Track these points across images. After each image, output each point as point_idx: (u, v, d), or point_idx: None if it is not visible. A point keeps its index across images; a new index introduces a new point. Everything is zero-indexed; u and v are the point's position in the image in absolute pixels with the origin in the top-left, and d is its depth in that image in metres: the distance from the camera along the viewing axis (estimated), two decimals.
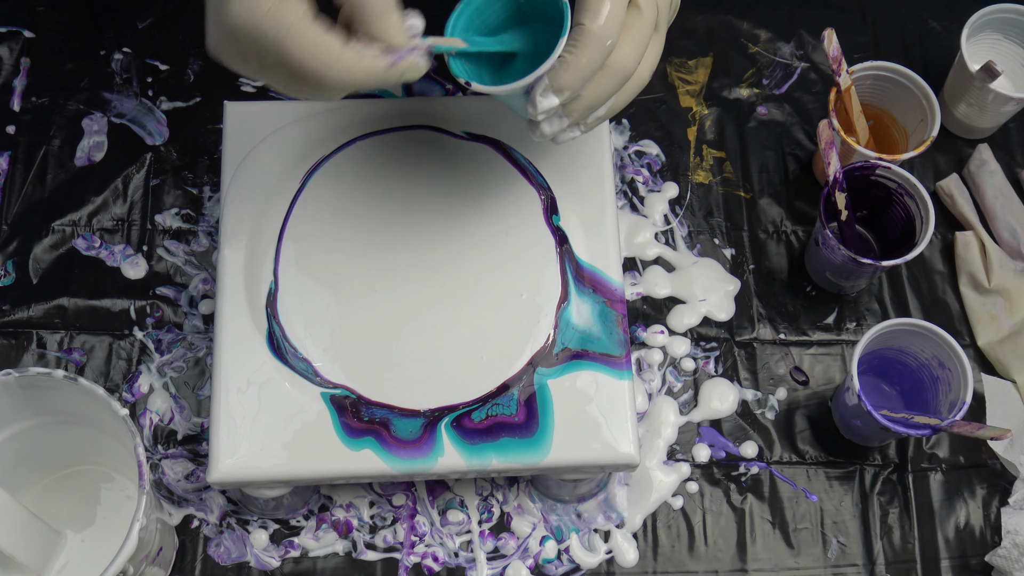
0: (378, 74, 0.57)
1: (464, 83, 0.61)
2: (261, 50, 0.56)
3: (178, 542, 0.76)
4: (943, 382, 0.75)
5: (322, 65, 0.55)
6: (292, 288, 0.71)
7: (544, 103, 0.59)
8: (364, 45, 0.56)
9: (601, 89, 0.60)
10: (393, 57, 0.57)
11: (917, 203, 0.79)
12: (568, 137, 0.62)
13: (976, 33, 0.86)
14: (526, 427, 0.69)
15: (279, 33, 0.55)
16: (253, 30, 0.55)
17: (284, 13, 0.55)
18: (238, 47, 0.56)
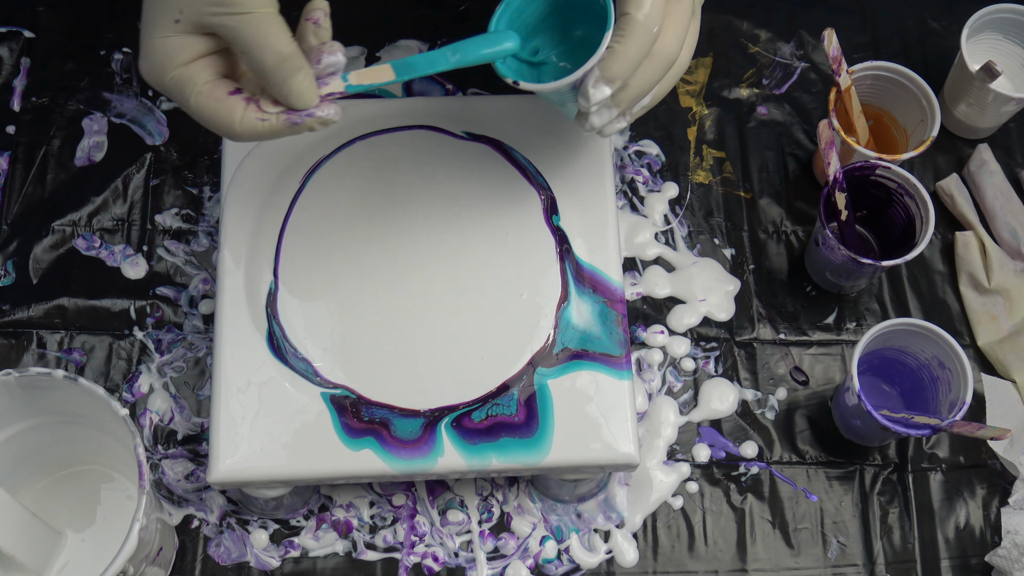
0: (283, 132, 0.58)
1: (512, 83, 0.61)
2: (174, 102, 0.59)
3: (178, 542, 0.76)
4: (943, 382, 0.75)
5: (225, 127, 0.58)
6: (292, 288, 0.71)
7: (596, 94, 0.60)
8: (270, 104, 0.58)
9: (648, 76, 0.61)
10: (297, 117, 0.58)
11: (917, 203, 0.79)
12: (615, 128, 0.63)
13: (976, 33, 0.86)
14: (526, 427, 0.69)
15: (184, 97, 0.58)
16: (162, 89, 0.58)
17: (187, 79, 0.57)
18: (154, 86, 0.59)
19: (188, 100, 0.58)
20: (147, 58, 0.58)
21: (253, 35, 0.56)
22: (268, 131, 0.58)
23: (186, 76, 0.57)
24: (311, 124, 0.58)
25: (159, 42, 0.57)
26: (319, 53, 0.58)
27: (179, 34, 0.57)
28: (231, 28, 0.56)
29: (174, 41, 0.57)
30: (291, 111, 0.58)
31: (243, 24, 0.56)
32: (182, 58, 0.57)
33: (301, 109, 0.58)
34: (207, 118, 0.58)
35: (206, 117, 0.58)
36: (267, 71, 0.57)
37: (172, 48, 0.57)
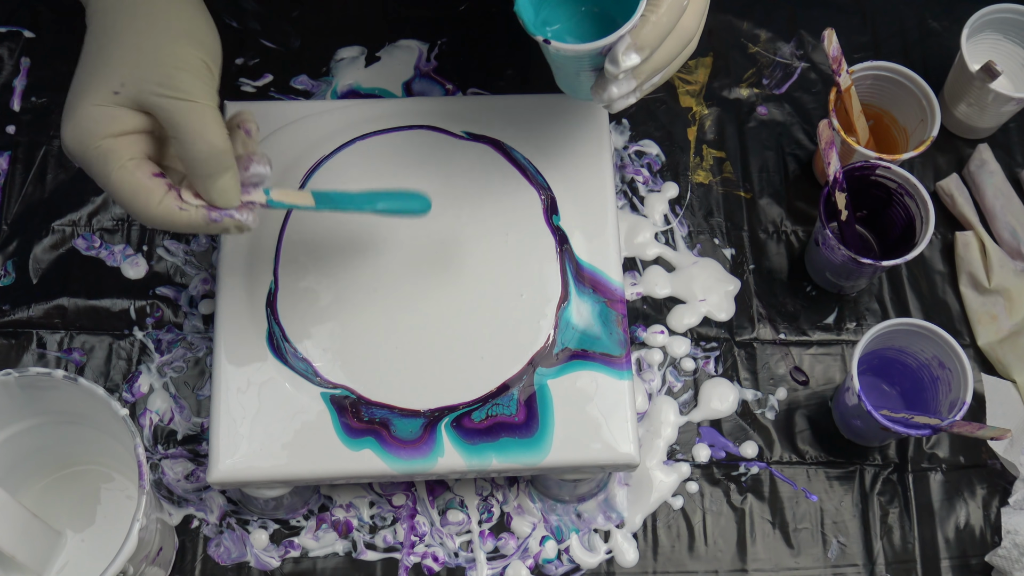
0: (195, 227, 0.58)
1: (542, 40, 0.61)
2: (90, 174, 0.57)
3: (178, 542, 0.76)
4: (943, 382, 0.75)
5: (142, 208, 0.56)
6: (292, 288, 0.71)
7: (626, 61, 0.60)
8: (191, 196, 0.57)
9: (669, 50, 0.62)
10: (217, 214, 0.58)
11: (917, 203, 0.79)
12: (626, 103, 0.64)
13: (976, 33, 0.86)
14: (526, 427, 0.69)
15: (103, 171, 0.56)
16: (82, 158, 0.56)
17: (114, 151, 0.56)
18: (74, 160, 0.57)
19: (110, 173, 0.56)
20: (75, 123, 0.56)
21: (192, 124, 0.56)
22: (184, 221, 0.57)
23: (113, 148, 0.56)
24: (228, 225, 0.58)
25: (92, 109, 0.56)
26: (248, 161, 0.59)
27: (115, 105, 0.56)
28: (171, 113, 0.56)
29: (108, 111, 0.56)
30: (211, 207, 0.57)
31: (185, 111, 0.56)
32: (112, 129, 0.56)
33: (222, 207, 0.58)
34: (125, 194, 0.56)
35: (124, 193, 0.56)
36: (197, 162, 0.56)
37: (105, 117, 0.56)
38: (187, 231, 0.58)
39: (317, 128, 0.76)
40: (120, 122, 0.56)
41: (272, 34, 0.90)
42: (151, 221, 0.57)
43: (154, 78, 0.56)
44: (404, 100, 0.79)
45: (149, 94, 0.56)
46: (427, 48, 0.89)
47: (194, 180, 0.57)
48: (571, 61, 0.63)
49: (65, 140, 0.56)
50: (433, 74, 0.88)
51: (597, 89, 0.63)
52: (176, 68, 0.56)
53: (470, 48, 0.90)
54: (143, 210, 0.56)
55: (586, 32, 0.65)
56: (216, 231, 0.59)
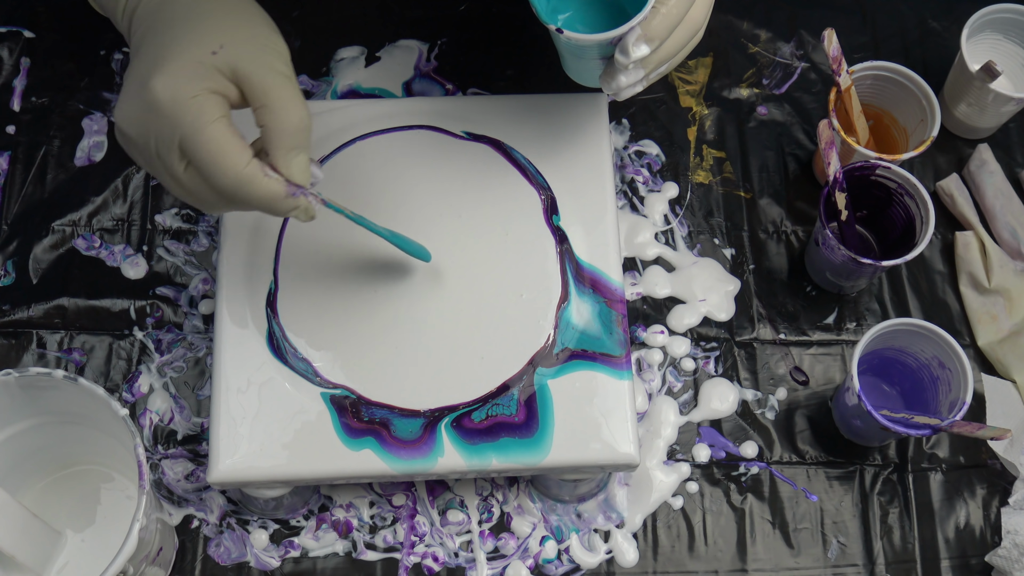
0: (273, 198, 0.57)
1: (555, 29, 0.62)
2: (170, 133, 0.56)
3: (178, 542, 0.76)
4: (943, 382, 0.75)
5: (229, 166, 0.56)
6: (292, 288, 0.71)
7: (636, 52, 0.62)
8: (271, 169, 0.57)
9: (677, 41, 0.63)
10: (293, 189, 0.58)
11: (917, 203, 0.79)
12: (632, 92, 0.65)
13: (976, 33, 0.86)
14: (526, 427, 0.69)
15: (197, 122, 0.55)
16: (172, 109, 0.55)
17: (208, 105, 0.56)
18: (147, 123, 0.56)
19: (204, 126, 0.55)
20: (172, 73, 0.55)
21: (287, 95, 0.57)
22: (264, 189, 0.57)
23: (210, 102, 0.56)
24: (301, 204, 0.58)
25: (191, 63, 0.56)
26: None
27: (213, 64, 0.56)
28: (268, 82, 0.56)
29: (206, 68, 0.56)
30: (289, 185, 0.58)
31: (281, 82, 0.57)
32: (208, 85, 0.56)
33: (296, 184, 0.58)
34: (214, 150, 0.55)
35: (213, 149, 0.55)
36: (287, 133, 0.57)
37: (203, 72, 0.56)
38: (259, 202, 0.57)
39: (317, 128, 0.75)
40: (215, 81, 0.56)
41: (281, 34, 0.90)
42: (233, 182, 0.56)
43: (250, 49, 0.57)
44: (404, 100, 0.79)
45: (248, 61, 0.56)
46: (427, 48, 0.89)
47: (277, 153, 0.57)
48: (581, 50, 0.64)
49: (157, 90, 0.55)
50: (433, 74, 0.88)
51: (605, 78, 0.64)
52: (267, 46, 0.58)
53: (470, 48, 0.90)
54: (230, 168, 0.56)
55: (595, 20, 0.66)
56: (285, 210, 0.58)
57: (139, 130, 0.56)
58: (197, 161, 0.56)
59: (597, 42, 0.62)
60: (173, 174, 0.57)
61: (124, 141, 0.58)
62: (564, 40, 0.63)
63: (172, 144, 0.56)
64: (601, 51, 0.64)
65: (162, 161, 0.57)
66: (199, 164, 0.56)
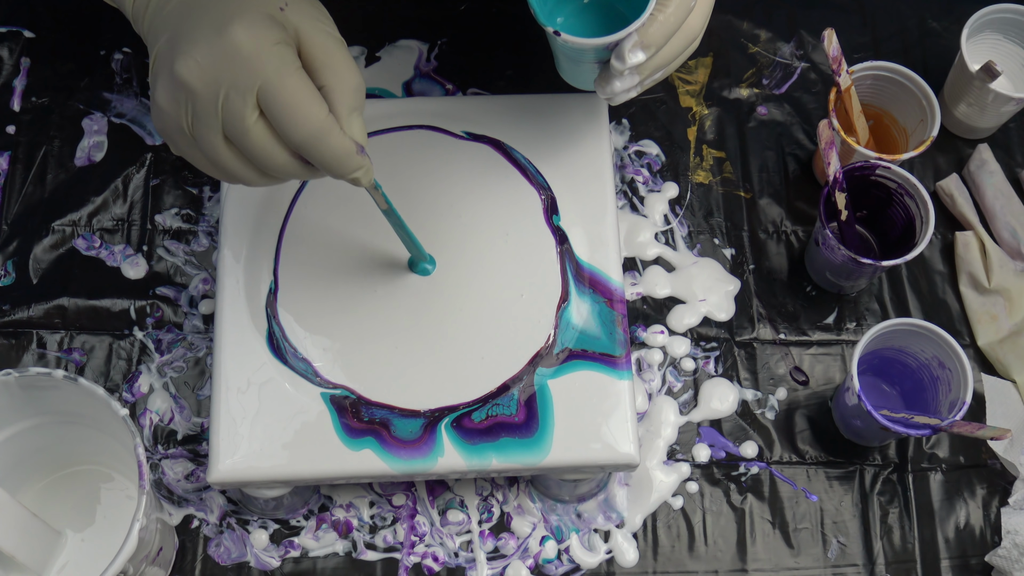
0: (346, 153, 0.56)
1: (552, 32, 0.63)
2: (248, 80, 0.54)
3: (178, 542, 0.76)
4: (943, 382, 0.75)
5: (308, 115, 0.54)
6: (292, 288, 0.71)
7: (632, 58, 0.62)
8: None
9: (674, 48, 0.64)
10: (360, 147, 0.57)
11: (917, 203, 0.79)
12: (627, 96, 0.65)
13: (976, 33, 0.86)
14: (526, 427, 0.69)
15: (282, 68, 0.54)
16: (256, 55, 0.54)
17: (289, 54, 0.55)
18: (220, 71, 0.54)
19: (287, 75, 0.54)
20: (250, 23, 0.54)
21: (347, 57, 0.57)
22: (338, 143, 0.55)
23: (289, 52, 0.55)
24: (365, 164, 0.57)
25: (266, 16, 0.55)
26: None
27: (281, 21, 0.56)
28: (330, 44, 0.57)
29: (277, 21, 0.55)
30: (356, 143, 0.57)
31: (341, 45, 0.57)
32: (282, 37, 0.55)
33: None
34: (297, 99, 0.54)
35: (299, 96, 0.54)
36: (353, 91, 0.57)
37: (276, 24, 0.55)
38: (328, 159, 0.56)
39: None
40: (284, 33, 0.56)
41: None
42: (310, 133, 0.55)
43: (311, 10, 0.57)
44: (404, 100, 0.79)
45: (310, 23, 0.57)
46: (427, 48, 0.89)
47: (339, 111, 0.56)
48: (578, 53, 0.64)
49: (238, 36, 0.53)
50: (433, 74, 0.88)
51: (601, 82, 0.65)
52: (323, 11, 0.58)
53: (470, 48, 0.90)
54: (310, 118, 0.54)
55: (591, 23, 0.67)
56: (351, 168, 0.57)
57: (209, 78, 0.54)
58: (278, 108, 0.54)
59: (594, 46, 0.62)
60: (239, 128, 0.55)
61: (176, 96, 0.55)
62: (561, 43, 0.63)
63: (250, 92, 0.54)
64: (597, 55, 0.64)
65: (229, 113, 0.54)
66: (279, 111, 0.54)
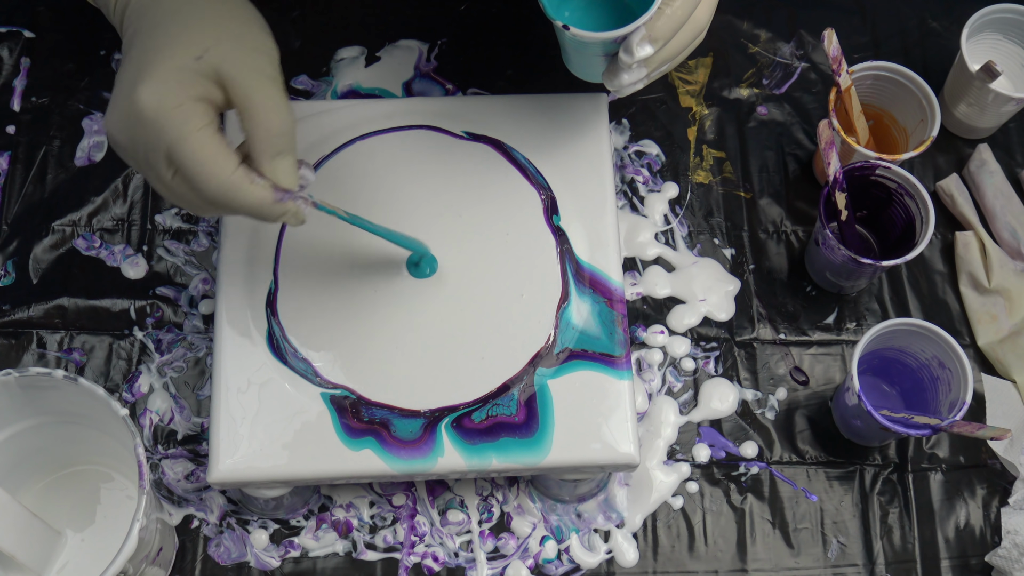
0: (261, 205, 0.57)
1: (562, 26, 0.63)
2: (155, 142, 0.55)
3: (178, 542, 0.76)
4: (943, 382, 0.75)
5: (215, 174, 0.55)
6: (292, 288, 0.71)
7: (640, 52, 0.62)
8: (257, 175, 0.57)
9: (681, 41, 0.64)
10: (281, 195, 0.57)
11: (917, 203, 0.79)
12: (634, 89, 0.66)
13: (976, 33, 0.86)
14: (526, 427, 0.69)
15: (181, 131, 0.55)
16: (156, 119, 0.55)
17: (192, 114, 0.55)
18: (134, 131, 0.56)
19: (189, 135, 0.55)
20: (157, 82, 0.55)
21: (271, 98, 0.56)
22: (252, 196, 0.56)
23: (195, 110, 0.55)
24: (289, 209, 0.58)
25: (176, 71, 0.55)
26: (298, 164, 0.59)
27: (197, 70, 0.56)
28: (251, 86, 0.56)
29: (190, 74, 0.56)
30: (277, 188, 0.57)
31: (265, 86, 0.56)
32: (193, 92, 0.56)
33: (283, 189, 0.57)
34: (200, 158, 0.55)
35: (199, 157, 0.55)
36: (270, 137, 0.56)
37: (188, 79, 0.56)
38: (247, 209, 0.57)
39: (317, 128, 0.76)
40: (200, 87, 0.56)
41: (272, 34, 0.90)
42: (219, 190, 0.56)
43: (236, 51, 0.56)
44: (404, 100, 0.79)
45: (232, 64, 0.56)
46: (427, 48, 0.89)
47: (262, 158, 0.56)
48: (585, 46, 0.64)
49: (142, 101, 0.55)
50: (433, 74, 0.88)
51: (608, 75, 0.65)
52: (254, 47, 0.58)
53: (470, 48, 0.90)
54: (215, 176, 0.55)
55: (598, 16, 0.67)
56: (275, 214, 0.58)
57: (127, 137, 0.56)
58: (183, 170, 0.56)
59: (602, 40, 0.63)
60: (162, 181, 0.57)
61: (115, 147, 0.58)
62: (569, 37, 0.63)
63: (159, 152, 0.56)
64: (605, 48, 0.64)
65: (151, 169, 0.57)
66: (185, 173, 0.56)
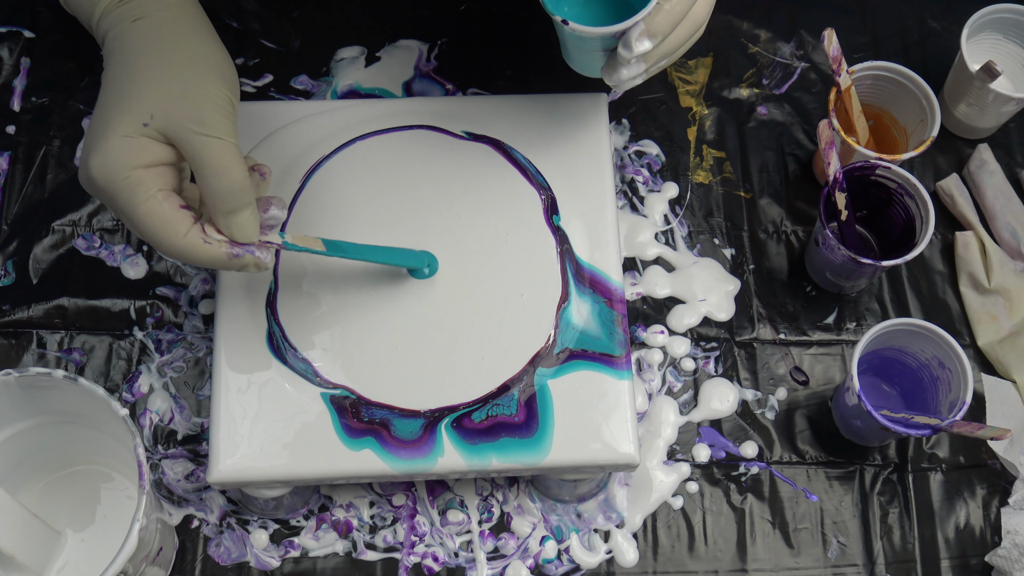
0: (217, 262, 0.58)
1: (561, 21, 0.63)
2: (112, 206, 0.57)
3: (178, 542, 0.76)
4: (943, 382, 0.75)
5: (168, 239, 0.57)
6: (292, 288, 0.71)
7: (639, 47, 0.63)
8: (213, 231, 0.58)
9: (680, 36, 0.64)
10: (238, 250, 0.59)
11: (917, 203, 0.79)
12: (633, 84, 0.66)
13: (976, 33, 0.86)
14: (526, 427, 0.69)
15: (131, 200, 0.56)
16: (107, 189, 0.56)
17: (140, 184, 0.56)
18: (94, 194, 0.58)
19: (138, 204, 0.56)
20: (105, 153, 0.56)
21: (218, 160, 0.57)
22: (207, 255, 0.58)
23: (142, 179, 0.56)
24: (248, 262, 0.59)
25: (123, 140, 0.56)
26: (266, 204, 0.61)
27: (144, 137, 0.56)
28: (199, 148, 0.57)
29: (138, 142, 0.56)
30: (233, 243, 0.58)
31: (212, 147, 0.57)
32: (142, 160, 0.56)
33: (242, 243, 0.58)
34: (152, 226, 0.56)
35: (151, 224, 0.56)
36: (221, 197, 0.57)
37: (135, 148, 0.56)
38: (208, 266, 0.59)
39: (317, 128, 0.76)
40: (149, 153, 0.57)
41: (272, 34, 0.90)
42: (174, 253, 0.57)
43: (183, 113, 0.57)
44: (404, 100, 0.79)
45: (178, 128, 0.57)
46: (427, 48, 0.89)
47: (216, 215, 0.58)
48: (584, 41, 0.65)
49: (92, 171, 0.56)
50: (433, 74, 0.88)
51: (607, 70, 0.65)
52: (204, 104, 0.57)
53: (470, 48, 0.90)
54: (168, 242, 0.57)
55: (597, 9, 0.67)
56: (236, 267, 0.59)
57: (95, 192, 0.58)
58: (139, 234, 0.57)
59: (601, 35, 0.63)
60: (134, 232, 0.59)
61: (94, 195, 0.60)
62: (568, 31, 0.64)
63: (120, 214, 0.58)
64: (604, 43, 0.64)
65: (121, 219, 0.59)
66: (141, 237, 0.57)
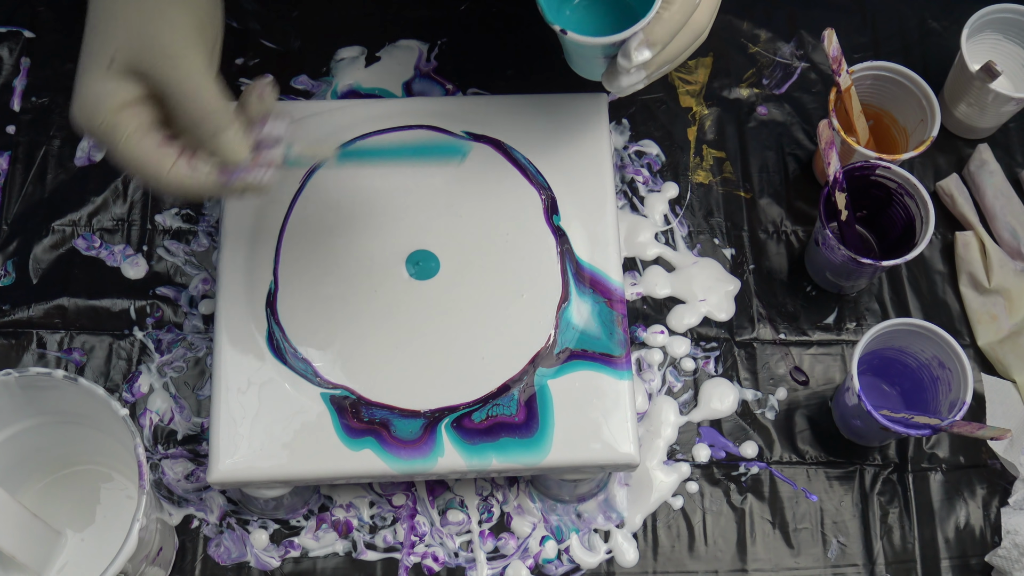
0: (209, 190, 0.57)
1: (559, 30, 0.63)
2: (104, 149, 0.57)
3: (178, 542, 0.76)
4: (943, 382, 0.75)
5: (153, 177, 0.56)
6: (292, 288, 0.71)
7: (638, 56, 0.63)
8: (201, 160, 0.57)
9: (680, 45, 0.64)
10: (227, 176, 0.57)
11: (917, 203, 0.79)
12: (634, 89, 0.66)
13: (976, 33, 0.86)
14: (526, 427, 0.69)
15: (111, 142, 0.56)
16: (92, 134, 0.57)
17: (118, 125, 0.56)
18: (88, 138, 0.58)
19: (116, 145, 0.56)
20: (79, 103, 0.56)
21: (183, 83, 0.56)
22: (196, 187, 0.57)
23: (117, 122, 0.56)
24: (242, 185, 0.58)
25: (92, 85, 0.56)
26: (263, 120, 0.58)
27: (112, 78, 0.56)
28: (161, 74, 0.56)
29: (106, 85, 0.56)
30: (223, 170, 0.57)
31: (177, 71, 0.56)
32: (114, 103, 0.56)
33: (232, 166, 0.57)
34: (134, 166, 0.56)
35: (134, 165, 0.56)
36: (197, 121, 0.56)
37: (104, 92, 0.56)
38: (203, 197, 0.58)
39: (317, 128, 0.76)
40: (120, 94, 0.56)
41: (272, 34, 0.90)
42: (165, 190, 0.57)
43: (144, 43, 0.56)
44: (404, 100, 0.79)
45: (140, 60, 0.56)
46: (427, 48, 0.89)
47: (199, 141, 0.57)
48: (584, 49, 0.65)
49: (73, 120, 0.57)
50: (433, 74, 0.88)
51: (608, 77, 0.66)
52: (164, 31, 0.57)
53: (470, 48, 0.90)
54: (155, 179, 0.56)
55: (600, 14, 0.67)
56: (232, 194, 0.58)
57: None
58: (129, 173, 0.58)
59: (600, 45, 0.63)
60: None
61: None
62: (567, 41, 0.64)
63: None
64: (604, 51, 0.65)
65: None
66: (132, 175, 0.58)
